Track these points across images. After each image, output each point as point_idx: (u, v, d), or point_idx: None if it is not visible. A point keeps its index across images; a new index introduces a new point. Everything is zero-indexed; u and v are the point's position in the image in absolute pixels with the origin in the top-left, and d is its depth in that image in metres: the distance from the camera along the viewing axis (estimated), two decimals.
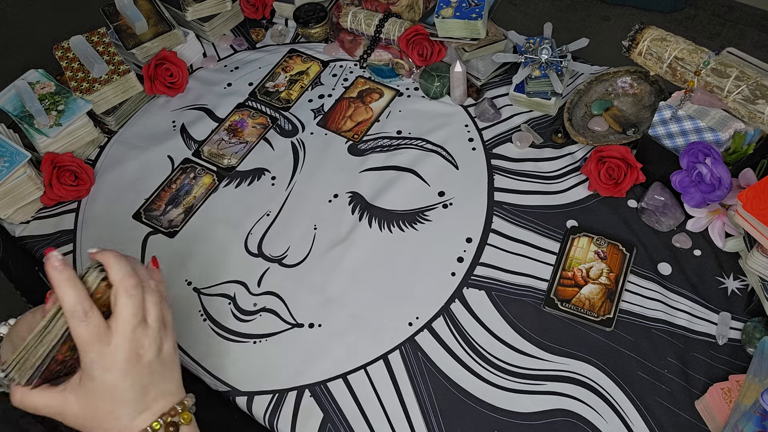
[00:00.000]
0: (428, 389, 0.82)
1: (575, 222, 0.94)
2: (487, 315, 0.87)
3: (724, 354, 0.80)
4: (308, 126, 1.12)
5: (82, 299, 0.56)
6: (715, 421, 0.74)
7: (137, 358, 0.58)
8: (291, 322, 0.90)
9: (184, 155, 1.10)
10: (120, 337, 0.57)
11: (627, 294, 0.87)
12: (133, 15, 1.18)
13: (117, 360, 0.57)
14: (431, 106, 1.12)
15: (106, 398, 0.57)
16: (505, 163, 1.02)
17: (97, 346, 0.56)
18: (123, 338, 0.57)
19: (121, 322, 0.57)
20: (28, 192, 1.02)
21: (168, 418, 0.60)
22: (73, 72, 1.11)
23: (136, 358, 0.58)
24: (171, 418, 0.60)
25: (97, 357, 0.56)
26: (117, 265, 0.59)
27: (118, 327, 0.57)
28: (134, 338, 0.58)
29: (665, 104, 0.89)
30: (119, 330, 0.57)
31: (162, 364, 0.61)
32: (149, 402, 0.60)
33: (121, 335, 0.57)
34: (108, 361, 0.57)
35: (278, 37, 1.26)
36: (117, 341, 0.57)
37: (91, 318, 0.56)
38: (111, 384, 0.57)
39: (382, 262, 0.94)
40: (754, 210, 0.76)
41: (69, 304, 0.55)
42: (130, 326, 0.58)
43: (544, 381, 0.81)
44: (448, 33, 1.08)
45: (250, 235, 0.99)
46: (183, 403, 0.62)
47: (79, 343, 0.56)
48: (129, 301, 0.58)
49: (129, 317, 0.58)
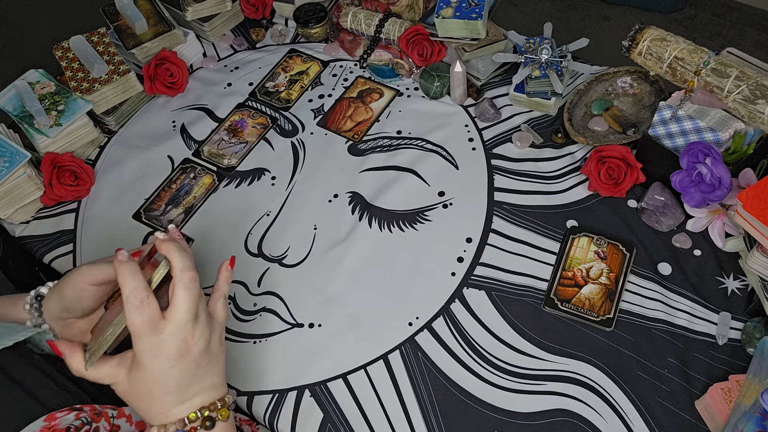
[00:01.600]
0: (428, 389, 0.82)
1: (575, 222, 0.94)
2: (487, 315, 0.87)
3: (724, 354, 0.80)
4: (308, 126, 1.12)
5: (140, 288, 0.58)
6: (715, 421, 0.74)
7: (186, 350, 0.60)
8: (291, 322, 0.90)
9: (184, 155, 1.10)
10: (174, 326, 0.59)
11: (627, 294, 0.87)
12: (133, 15, 1.18)
13: (167, 349, 0.59)
14: (431, 106, 1.12)
15: (151, 384, 0.59)
16: (505, 163, 1.02)
17: (148, 334, 0.58)
18: (177, 328, 0.59)
19: (177, 313, 0.59)
20: (28, 192, 1.02)
21: (206, 412, 0.62)
22: (73, 72, 1.11)
23: (185, 350, 0.60)
24: (209, 413, 0.62)
25: (148, 345, 0.58)
26: (179, 257, 0.60)
27: (174, 317, 0.59)
28: (186, 329, 0.59)
29: (665, 104, 0.89)
30: (174, 320, 0.59)
31: (209, 357, 0.62)
32: (191, 394, 0.61)
33: (175, 325, 0.59)
34: (158, 349, 0.58)
35: (278, 37, 1.26)
36: (170, 330, 0.59)
37: (146, 306, 0.58)
38: (158, 371, 0.59)
39: (382, 262, 0.94)
40: (754, 210, 0.76)
41: (125, 292, 0.58)
42: (186, 318, 0.59)
43: (544, 381, 0.81)
44: (448, 33, 1.08)
45: (250, 235, 0.99)
46: (223, 400, 0.64)
47: (132, 331, 0.58)
48: (186, 294, 0.60)
49: (185, 309, 0.59)
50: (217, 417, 0.62)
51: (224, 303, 0.66)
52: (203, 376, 0.62)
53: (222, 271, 0.68)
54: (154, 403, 0.60)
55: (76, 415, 0.62)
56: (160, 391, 0.60)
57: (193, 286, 0.60)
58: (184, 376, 0.60)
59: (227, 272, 0.68)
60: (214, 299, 0.66)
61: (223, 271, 0.68)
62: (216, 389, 0.64)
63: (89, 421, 0.62)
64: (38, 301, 0.72)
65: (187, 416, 0.61)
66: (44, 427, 0.60)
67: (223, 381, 0.65)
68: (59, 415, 0.61)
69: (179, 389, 0.60)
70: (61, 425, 0.60)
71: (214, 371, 0.63)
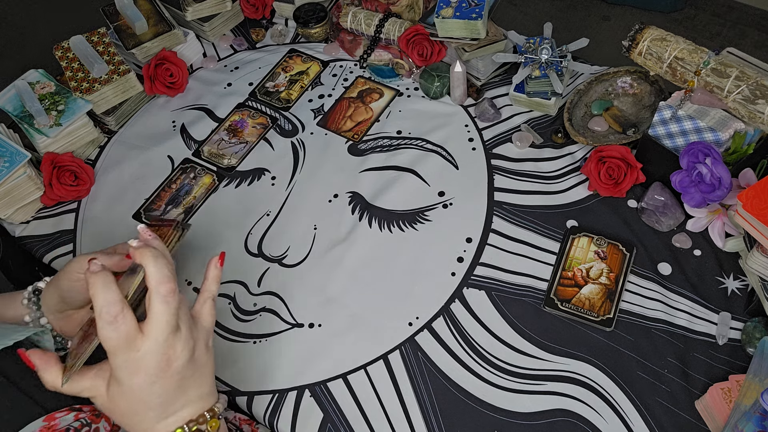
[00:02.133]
0: (428, 389, 0.82)
1: (575, 222, 0.94)
2: (487, 315, 0.87)
3: (724, 354, 0.80)
4: (308, 126, 1.12)
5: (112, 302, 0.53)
6: (715, 421, 0.74)
7: (167, 365, 0.56)
8: (291, 322, 0.90)
9: (184, 155, 1.10)
10: (152, 343, 0.54)
11: (627, 294, 0.87)
12: (133, 15, 1.18)
13: (146, 366, 0.54)
14: (431, 106, 1.12)
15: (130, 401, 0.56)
16: (505, 163, 1.02)
17: (124, 351, 0.54)
18: (155, 344, 0.54)
19: (154, 329, 0.54)
20: (28, 192, 1.02)
21: (194, 426, 0.58)
22: (73, 72, 1.11)
23: (167, 365, 0.55)
24: (197, 426, 0.58)
25: (124, 363, 0.54)
26: (154, 268, 0.55)
27: (151, 333, 0.54)
28: (166, 345, 0.55)
29: (665, 104, 0.89)
30: (152, 336, 0.54)
31: (194, 368, 0.58)
32: (176, 408, 0.57)
33: (154, 341, 0.54)
34: (135, 366, 0.54)
35: (278, 37, 1.26)
36: (148, 347, 0.54)
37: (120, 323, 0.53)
38: (137, 388, 0.55)
39: (382, 262, 0.94)
40: (754, 210, 0.76)
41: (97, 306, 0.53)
42: (164, 333, 0.55)
43: (544, 381, 0.81)
44: (448, 33, 1.08)
45: (250, 235, 0.99)
46: (212, 410, 0.60)
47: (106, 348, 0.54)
48: (164, 308, 0.55)
49: (163, 325, 0.55)
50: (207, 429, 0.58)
51: (212, 305, 0.61)
52: (188, 387, 0.58)
53: (210, 268, 0.62)
54: (137, 419, 0.57)
55: (75, 415, 0.62)
56: (142, 408, 0.56)
57: (172, 299, 0.55)
58: (166, 391, 0.56)
59: (216, 270, 0.63)
60: (200, 301, 0.61)
61: (211, 268, 0.62)
62: (204, 399, 0.59)
63: (89, 423, 0.62)
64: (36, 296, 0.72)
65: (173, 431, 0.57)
66: (44, 427, 0.60)
67: (212, 389, 0.61)
68: (59, 415, 0.61)
69: (162, 405, 0.56)
70: (61, 425, 0.60)
71: (201, 381, 0.59)
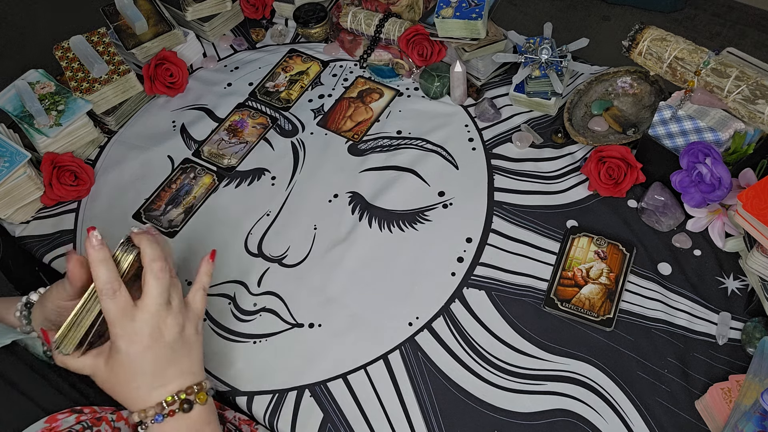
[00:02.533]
0: (428, 389, 0.82)
1: (575, 222, 0.94)
2: (487, 315, 0.87)
3: (724, 354, 0.80)
4: (308, 126, 1.12)
5: (113, 279, 0.61)
6: (715, 421, 0.74)
7: (159, 335, 0.64)
8: (291, 322, 0.90)
9: (184, 155, 1.10)
10: (145, 313, 0.63)
11: (627, 294, 0.87)
12: (133, 15, 1.18)
13: (141, 334, 0.62)
14: (431, 106, 1.12)
15: (128, 369, 0.63)
16: (505, 163, 1.02)
17: (123, 321, 0.62)
18: (148, 314, 0.63)
19: (147, 300, 0.63)
20: (28, 192, 1.02)
21: (183, 395, 0.64)
22: (73, 72, 1.11)
23: (159, 335, 0.64)
24: (186, 396, 0.64)
25: (123, 331, 0.62)
26: (150, 248, 0.64)
27: (144, 304, 0.63)
28: (158, 316, 0.63)
29: (665, 104, 0.89)
30: (145, 307, 0.63)
31: (183, 343, 0.66)
32: (168, 378, 0.64)
33: (147, 312, 0.63)
34: (132, 335, 0.62)
35: (278, 37, 1.26)
36: (142, 317, 0.63)
37: (119, 296, 0.61)
38: (134, 356, 0.62)
39: (382, 262, 0.94)
40: (754, 210, 0.76)
41: (101, 281, 0.61)
42: (155, 305, 0.63)
43: (544, 381, 0.81)
44: (448, 33, 1.08)
45: (250, 235, 0.99)
46: (200, 384, 0.66)
47: (108, 318, 0.62)
48: (156, 282, 0.63)
49: (155, 297, 0.63)
50: (195, 400, 0.65)
51: (203, 295, 0.70)
52: (178, 360, 0.65)
53: (203, 264, 0.72)
54: (133, 386, 0.63)
55: (76, 417, 0.62)
56: (138, 375, 0.63)
57: (162, 275, 0.64)
58: (158, 359, 0.63)
59: (207, 265, 0.72)
60: (193, 290, 0.70)
61: (203, 264, 0.72)
62: (193, 374, 0.67)
63: (90, 426, 0.62)
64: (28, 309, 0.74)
65: (164, 399, 0.63)
66: (45, 428, 0.60)
67: (201, 369, 0.68)
68: (60, 417, 0.61)
69: (155, 373, 0.63)
70: (62, 427, 0.60)
71: (190, 357, 0.67)
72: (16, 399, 0.62)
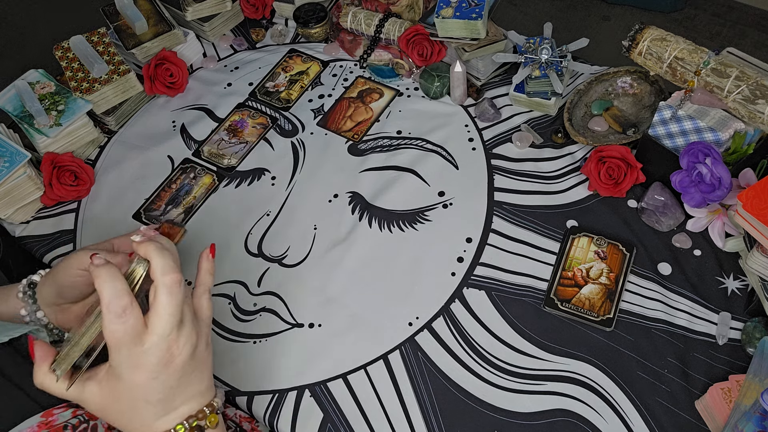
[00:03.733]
0: (428, 389, 0.82)
1: (575, 222, 0.94)
2: (487, 315, 0.87)
3: (724, 354, 0.80)
4: (308, 126, 1.12)
5: (121, 295, 0.52)
6: (715, 421, 0.74)
7: (170, 360, 0.55)
8: (291, 322, 0.90)
9: (184, 155, 1.10)
10: (156, 337, 0.53)
11: (627, 294, 0.87)
12: (133, 15, 1.18)
13: (148, 361, 0.53)
14: (431, 106, 1.12)
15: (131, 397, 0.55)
16: (505, 163, 1.02)
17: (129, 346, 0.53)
18: (160, 339, 0.53)
19: (159, 322, 0.53)
20: (28, 192, 1.02)
21: (194, 422, 0.57)
22: (73, 72, 1.11)
23: (169, 360, 0.55)
24: (197, 422, 0.58)
25: (127, 358, 0.53)
26: (159, 259, 0.54)
27: (156, 327, 0.53)
28: (171, 339, 0.54)
29: (665, 104, 0.89)
30: (157, 330, 0.53)
31: (195, 364, 0.57)
32: (176, 404, 0.57)
33: (158, 336, 0.53)
34: (138, 361, 0.53)
35: (278, 37, 1.26)
36: (152, 341, 0.53)
37: (129, 316, 0.52)
38: (138, 384, 0.54)
39: (382, 263, 0.94)
40: (754, 210, 0.76)
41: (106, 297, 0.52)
42: (169, 326, 0.54)
43: (544, 381, 0.81)
44: (448, 33, 1.08)
45: (250, 235, 0.99)
46: (211, 405, 0.59)
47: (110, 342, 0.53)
48: (170, 299, 0.54)
49: (168, 317, 0.54)
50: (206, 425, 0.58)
51: (209, 298, 0.61)
52: (188, 384, 0.57)
53: (203, 261, 0.62)
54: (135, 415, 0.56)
55: (73, 412, 0.62)
56: (141, 404, 0.55)
57: (177, 290, 0.54)
58: (167, 387, 0.55)
59: (208, 263, 0.62)
60: (197, 295, 0.61)
61: (203, 261, 0.62)
62: (203, 395, 0.59)
63: (86, 420, 0.62)
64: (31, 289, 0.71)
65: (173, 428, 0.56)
66: (41, 422, 0.60)
67: (211, 384, 0.61)
68: (56, 411, 0.61)
69: (162, 401, 0.56)
70: (59, 421, 0.60)
71: (201, 377, 0.59)
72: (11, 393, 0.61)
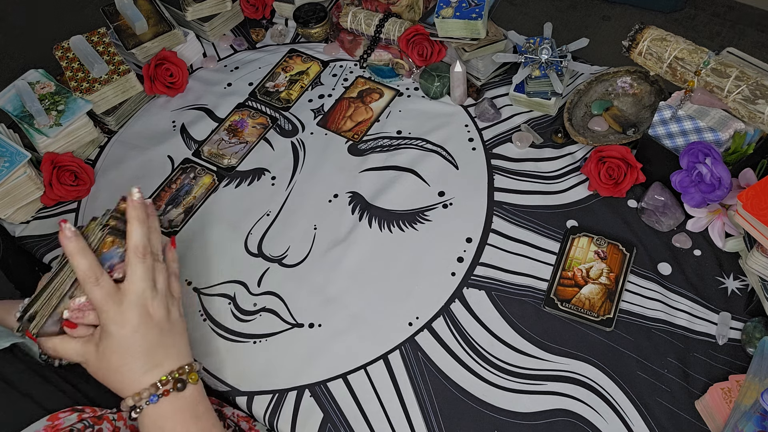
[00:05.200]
0: (428, 389, 0.82)
1: (575, 222, 0.94)
2: (487, 315, 0.87)
3: (724, 354, 0.80)
4: (308, 126, 1.12)
5: (94, 266, 0.63)
6: (715, 421, 0.74)
7: (148, 316, 0.65)
8: (291, 322, 0.90)
9: (184, 155, 1.10)
10: (131, 294, 0.64)
11: (627, 294, 0.87)
12: (133, 15, 1.18)
13: (130, 316, 0.64)
14: (431, 106, 1.12)
15: (120, 352, 0.64)
16: (505, 163, 1.02)
17: (110, 305, 0.63)
18: (134, 296, 0.64)
19: (132, 282, 0.65)
20: (28, 192, 1.02)
21: (176, 374, 0.66)
22: (73, 72, 1.11)
23: (147, 316, 0.65)
24: (179, 375, 0.66)
25: (112, 315, 0.63)
26: (137, 231, 0.65)
27: (130, 287, 0.65)
28: (144, 297, 0.65)
29: (665, 104, 0.89)
30: (131, 289, 0.65)
31: (171, 325, 0.68)
32: (159, 359, 0.66)
33: (133, 293, 0.64)
34: (122, 318, 0.64)
35: (278, 37, 1.26)
36: (129, 299, 0.64)
37: (102, 282, 0.63)
38: (124, 338, 0.64)
39: (382, 262, 0.94)
40: (754, 210, 0.76)
41: (82, 271, 0.62)
42: (141, 287, 0.65)
43: (544, 381, 0.81)
44: (448, 33, 1.08)
45: (250, 235, 0.99)
46: (191, 365, 0.68)
47: (95, 305, 0.63)
48: (140, 264, 0.65)
49: (139, 278, 0.65)
50: (188, 380, 0.66)
51: (177, 281, 0.73)
52: (167, 342, 0.67)
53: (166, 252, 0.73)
54: (125, 370, 0.64)
55: (78, 416, 0.62)
56: (129, 358, 0.64)
57: (147, 258, 0.66)
58: (148, 340, 0.65)
59: (170, 252, 0.74)
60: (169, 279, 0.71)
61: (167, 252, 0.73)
62: (182, 356, 0.68)
63: (91, 425, 0.62)
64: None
65: (159, 379, 0.64)
66: (47, 426, 0.60)
67: (189, 351, 0.70)
68: (62, 415, 0.61)
69: (146, 353, 0.65)
70: (65, 425, 0.60)
71: (178, 338, 0.68)
72: (16, 399, 0.62)
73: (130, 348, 0.64)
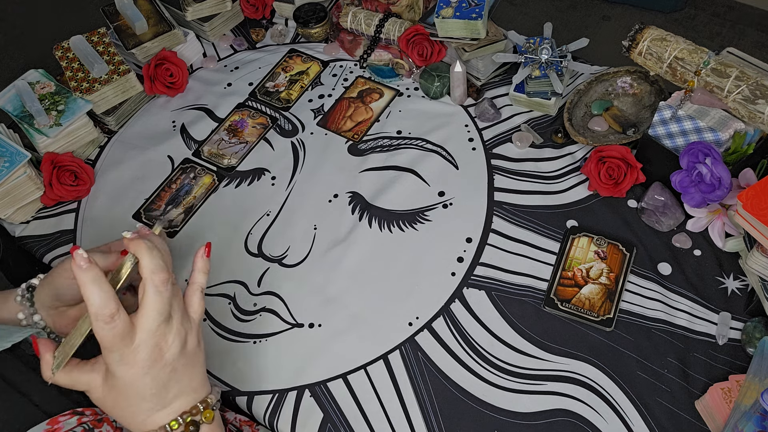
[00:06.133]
0: (428, 389, 0.82)
1: (575, 222, 0.94)
2: (487, 315, 0.87)
3: (724, 354, 0.80)
4: (308, 126, 1.12)
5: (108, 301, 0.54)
6: (715, 421, 0.74)
7: (159, 355, 0.57)
8: (291, 322, 0.90)
9: (184, 155, 1.10)
10: (144, 334, 0.56)
11: (627, 294, 0.87)
12: (133, 15, 1.18)
13: (139, 358, 0.56)
14: (431, 106, 1.12)
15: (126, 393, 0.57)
16: (505, 163, 1.02)
17: (120, 347, 0.55)
18: (147, 335, 0.56)
19: (146, 319, 0.56)
20: (28, 192, 1.02)
21: (188, 417, 0.59)
22: (73, 72, 1.11)
23: (159, 355, 0.57)
24: (191, 417, 0.59)
25: (120, 357, 0.56)
26: (149, 258, 0.57)
27: (143, 324, 0.56)
28: (158, 335, 0.57)
29: (665, 104, 0.89)
30: (144, 327, 0.56)
31: (185, 359, 0.60)
32: (170, 399, 0.59)
33: (146, 332, 0.56)
34: (129, 359, 0.56)
35: (278, 37, 1.26)
36: (141, 338, 0.56)
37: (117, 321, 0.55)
38: (131, 380, 0.57)
39: (382, 262, 0.94)
40: (754, 210, 0.76)
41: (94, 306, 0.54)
42: (156, 324, 0.57)
43: (544, 381, 0.81)
44: (448, 33, 1.08)
45: (250, 235, 0.99)
46: (206, 401, 0.61)
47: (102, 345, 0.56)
48: (157, 297, 0.56)
49: (155, 314, 0.56)
50: (201, 420, 0.60)
51: (201, 297, 0.63)
52: (180, 378, 0.59)
53: (197, 260, 0.63)
54: (132, 410, 0.58)
55: (78, 419, 0.62)
56: (137, 400, 0.58)
57: (165, 288, 0.57)
58: (158, 382, 0.58)
59: (203, 261, 0.63)
60: (189, 293, 0.62)
61: (198, 260, 0.63)
62: (197, 391, 0.61)
63: (91, 428, 0.62)
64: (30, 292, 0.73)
65: (168, 424, 0.58)
66: (47, 430, 0.60)
67: (205, 381, 0.63)
68: (62, 419, 0.61)
69: (155, 395, 0.58)
70: (64, 429, 0.60)
71: (193, 372, 0.61)
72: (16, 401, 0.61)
73: (138, 391, 0.57)
